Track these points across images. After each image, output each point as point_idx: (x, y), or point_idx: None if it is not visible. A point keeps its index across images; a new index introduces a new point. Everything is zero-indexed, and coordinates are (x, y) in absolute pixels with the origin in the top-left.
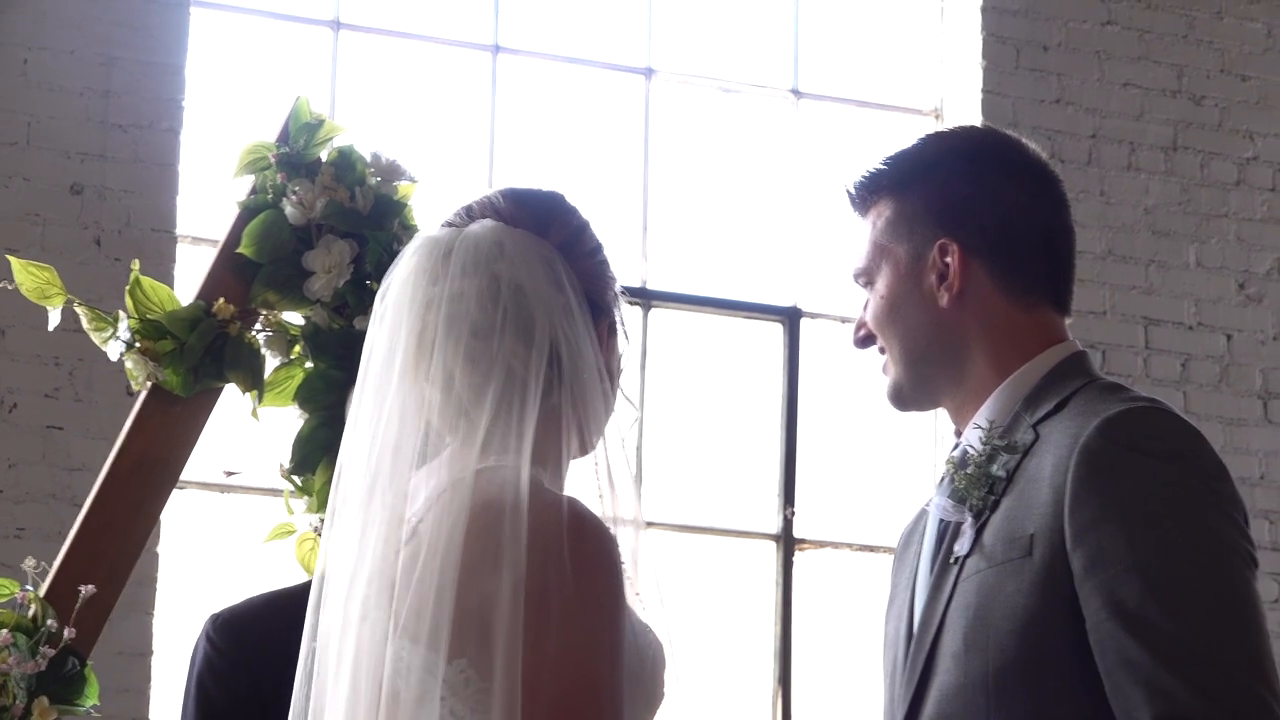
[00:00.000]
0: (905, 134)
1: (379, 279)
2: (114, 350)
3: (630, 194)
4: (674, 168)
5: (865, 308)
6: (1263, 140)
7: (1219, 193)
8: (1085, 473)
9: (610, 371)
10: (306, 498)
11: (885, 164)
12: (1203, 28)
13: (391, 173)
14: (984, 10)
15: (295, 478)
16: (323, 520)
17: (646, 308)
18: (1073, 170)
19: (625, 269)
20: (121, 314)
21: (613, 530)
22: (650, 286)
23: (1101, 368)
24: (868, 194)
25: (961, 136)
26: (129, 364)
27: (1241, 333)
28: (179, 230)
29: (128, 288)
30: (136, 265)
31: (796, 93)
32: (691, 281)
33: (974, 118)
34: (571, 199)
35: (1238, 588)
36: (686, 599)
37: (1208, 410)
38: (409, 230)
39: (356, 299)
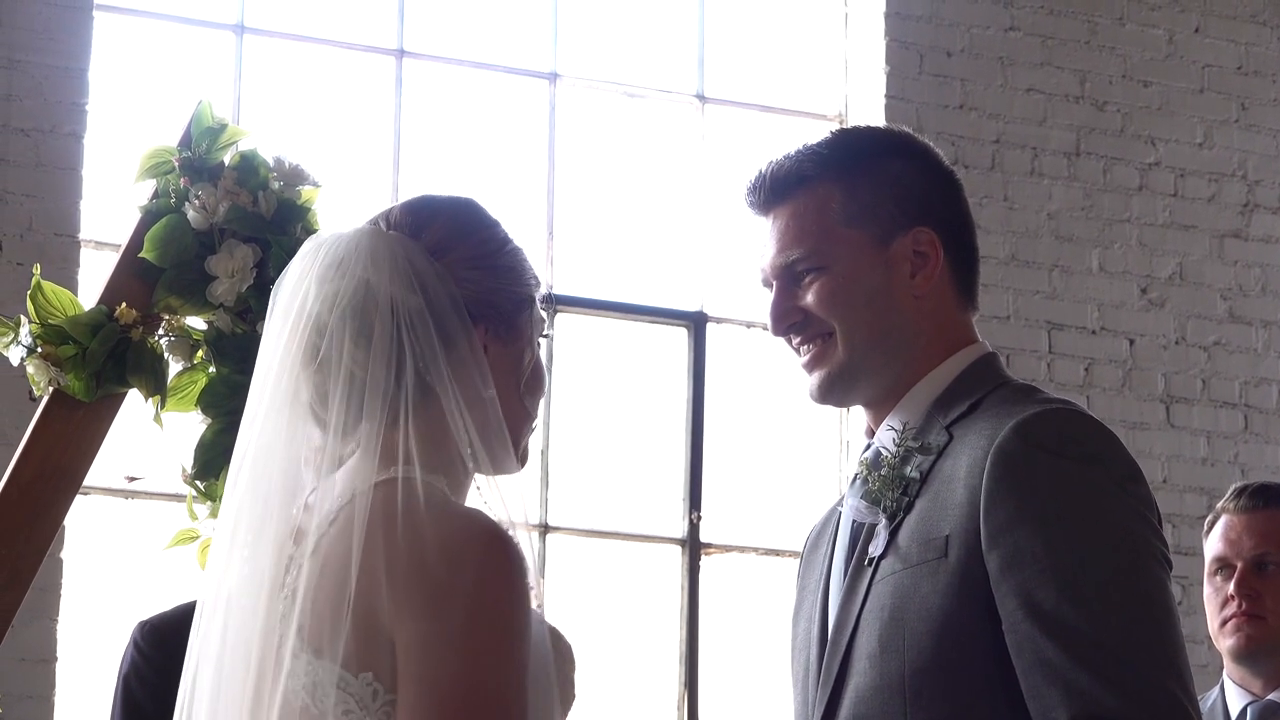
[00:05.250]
0: (810, 139)
1: None
2: (15, 355)
3: (535, 198)
4: (579, 172)
5: (793, 294)
6: (1164, 146)
7: (1121, 198)
8: (1000, 474)
9: (485, 379)
10: (209, 503)
11: (822, 149)
12: (1105, 34)
13: (295, 177)
14: (887, 16)
15: (198, 483)
16: None
17: (552, 313)
18: (976, 175)
19: None
20: (23, 319)
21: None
22: (556, 291)
23: None
24: (799, 180)
25: (896, 133)
26: (31, 369)
27: (1144, 337)
28: (82, 235)
29: (29, 292)
30: (38, 270)
31: (701, 97)
32: (597, 286)
33: (878, 123)
34: (480, 207)
35: (1152, 588)
36: (593, 604)
37: (1110, 414)
38: (312, 235)
39: (259, 304)
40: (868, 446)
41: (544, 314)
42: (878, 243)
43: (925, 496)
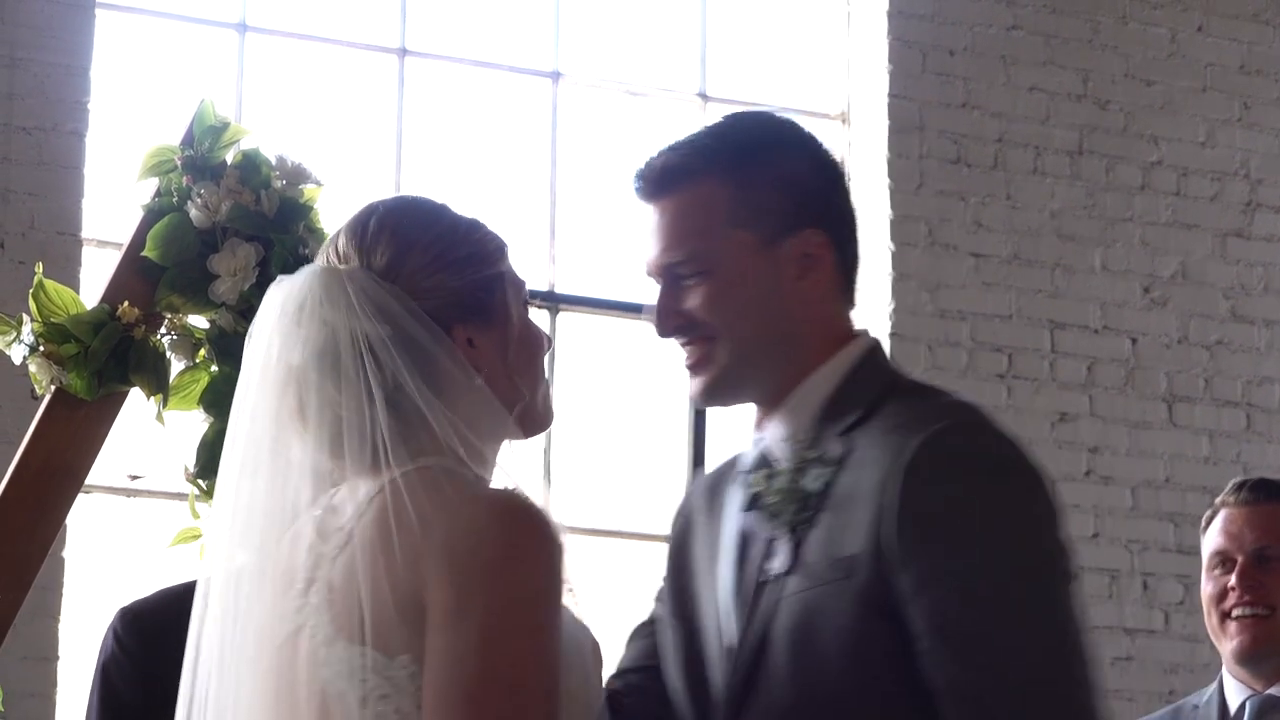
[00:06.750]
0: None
1: None
2: (18, 354)
3: (538, 197)
4: (581, 171)
5: (677, 295)
6: (1167, 145)
7: (1124, 197)
8: (908, 494)
9: (471, 375)
10: (212, 501)
11: (712, 141)
12: (1107, 32)
13: (297, 176)
14: (890, 15)
15: (201, 482)
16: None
17: (554, 311)
18: (979, 174)
19: (532, 273)
20: (25, 317)
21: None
22: (558, 290)
23: (1007, 371)
24: (687, 174)
25: (785, 125)
26: (33, 368)
27: (1146, 336)
28: (84, 233)
29: (31, 291)
30: (40, 268)
31: (704, 96)
32: (599, 285)
33: (881, 121)
34: (420, 204)
35: (1059, 607)
36: (595, 603)
37: (1113, 414)
38: (314, 233)
39: (262, 302)
40: (757, 442)
41: (519, 276)
42: (765, 244)
43: (829, 511)
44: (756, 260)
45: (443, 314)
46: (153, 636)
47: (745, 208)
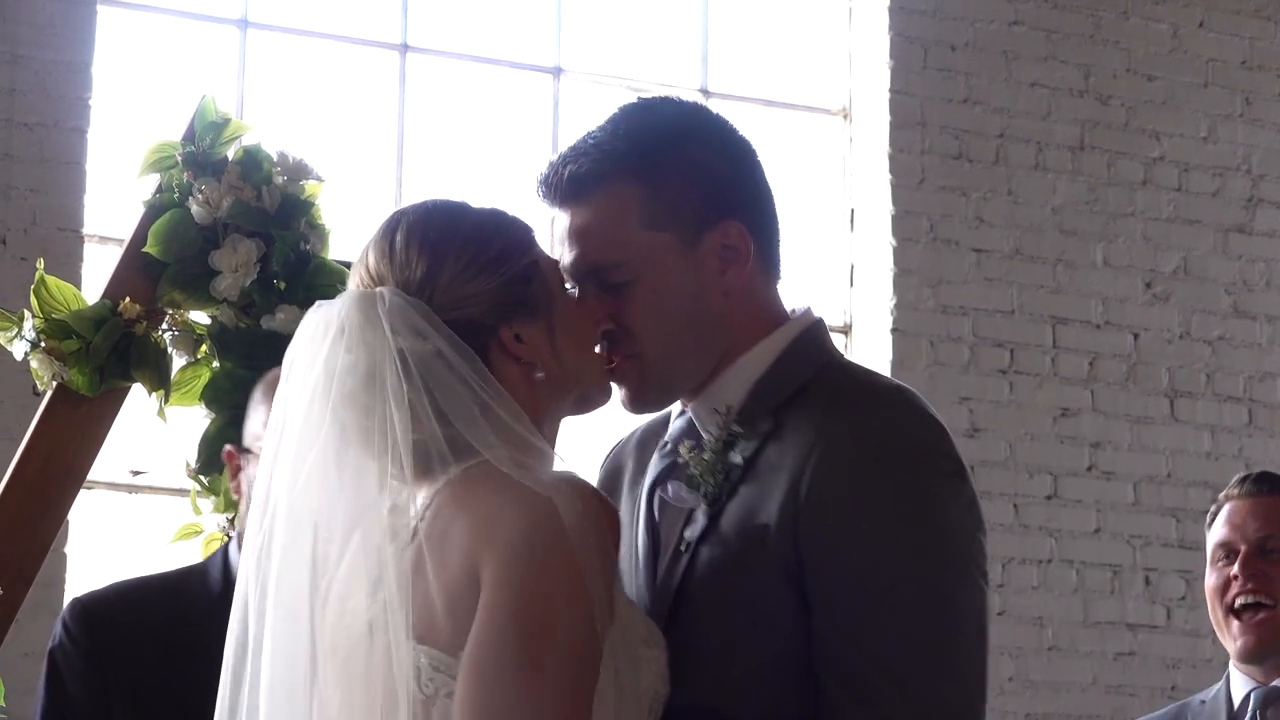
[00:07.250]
0: (814, 133)
1: (285, 278)
2: (19, 350)
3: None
4: None
5: (602, 303)
6: (1169, 140)
7: (1126, 192)
8: (823, 472)
9: (533, 372)
10: (213, 497)
11: (618, 143)
12: (1109, 28)
13: (298, 172)
14: (892, 10)
15: (202, 477)
16: (229, 519)
17: None
18: (980, 170)
19: None
20: (27, 313)
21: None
22: None
23: (1009, 366)
24: (597, 180)
25: (689, 112)
26: (34, 364)
27: (1148, 331)
28: (86, 229)
29: (33, 287)
30: (42, 265)
31: (705, 92)
32: None
33: (882, 117)
34: (443, 209)
35: (958, 600)
36: None
37: (1115, 409)
38: (316, 229)
39: (263, 298)
40: (681, 412)
41: (550, 256)
42: (684, 244)
43: (750, 483)
44: (678, 261)
45: (487, 317)
46: (100, 629)
47: (659, 207)
